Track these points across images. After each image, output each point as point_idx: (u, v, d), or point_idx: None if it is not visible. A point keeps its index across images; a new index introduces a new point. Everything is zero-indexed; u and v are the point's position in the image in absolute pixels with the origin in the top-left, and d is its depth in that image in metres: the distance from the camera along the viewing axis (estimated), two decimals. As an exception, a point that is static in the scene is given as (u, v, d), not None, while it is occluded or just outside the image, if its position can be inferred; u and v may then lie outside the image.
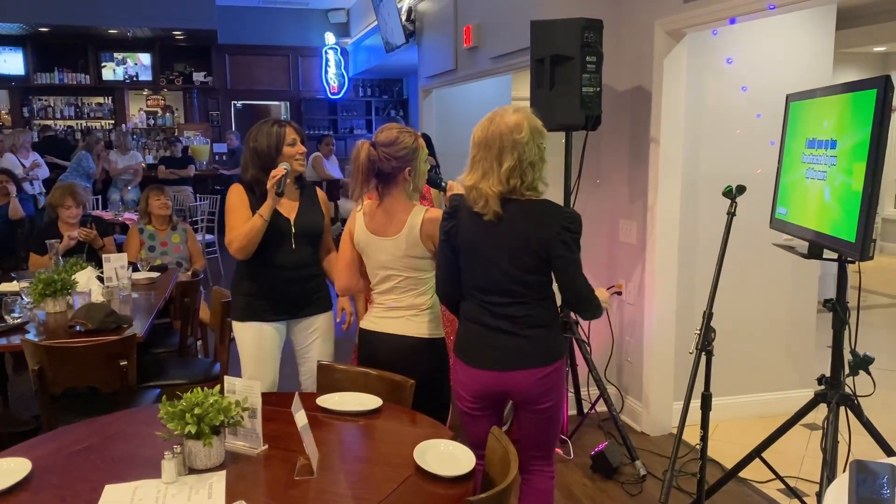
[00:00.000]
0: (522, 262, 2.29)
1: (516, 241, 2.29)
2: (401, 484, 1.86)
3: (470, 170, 2.34)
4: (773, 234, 3.30)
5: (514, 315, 2.33)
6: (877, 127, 2.43)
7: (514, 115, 2.30)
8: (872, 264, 8.87)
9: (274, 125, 2.96)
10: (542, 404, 2.37)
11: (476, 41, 5.92)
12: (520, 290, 2.31)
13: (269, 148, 2.92)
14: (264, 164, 2.93)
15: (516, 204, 2.29)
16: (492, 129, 2.29)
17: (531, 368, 2.33)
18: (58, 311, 3.52)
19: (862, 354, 2.76)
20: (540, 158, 2.31)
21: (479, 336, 2.38)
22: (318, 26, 12.11)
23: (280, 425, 2.17)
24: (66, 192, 4.71)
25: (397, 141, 2.54)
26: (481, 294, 2.36)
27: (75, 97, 11.77)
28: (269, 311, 3.01)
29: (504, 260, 2.30)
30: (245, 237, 2.86)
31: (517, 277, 2.30)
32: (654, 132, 3.94)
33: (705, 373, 2.89)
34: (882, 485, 1.62)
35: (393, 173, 2.55)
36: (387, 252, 2.58)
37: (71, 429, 2.23)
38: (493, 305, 2.34)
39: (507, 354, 2.34)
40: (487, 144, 2.29)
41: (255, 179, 2.96)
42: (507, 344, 2.33)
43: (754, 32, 4.09)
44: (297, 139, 2.98)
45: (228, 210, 2.97)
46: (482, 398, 2.42)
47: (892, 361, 5.38)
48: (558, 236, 2.25)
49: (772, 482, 3.31)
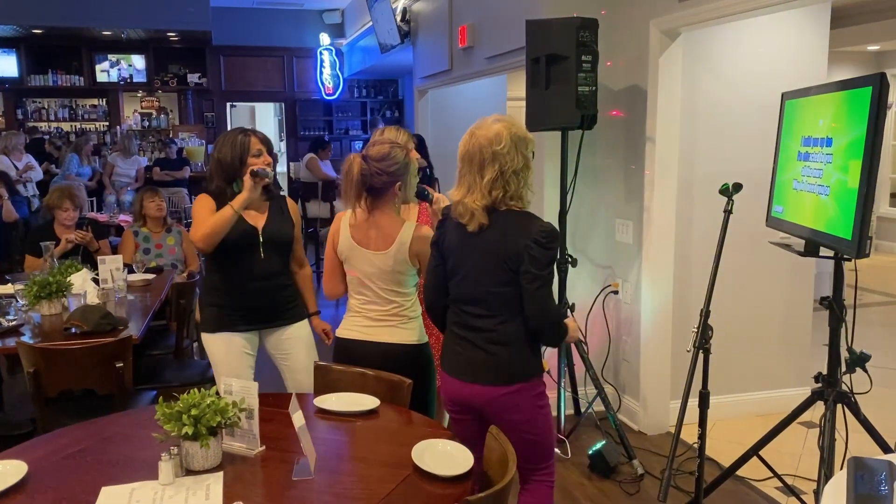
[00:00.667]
0: (495, 274, 2.26)
1: (490, 253, 2.26)
2: (399, 484, 1.86)
3: (457, 184, 2.33)
4: (769, 233, 3.30)
5: (482, 328, 2.30)
6: (872, 124, 2.43)
7: (494, 125, 2.26)
8: (868, 262, 8.88)
9: (239, 135, 2.90)
10: (511, 421, 2.28)
11: (471, 41, 5.92)
12: (493, 302, 2.28)
13: (233, 159, 2.86)
14: (228, 175, 2.88)
15: (498, 215, 2.27)
16: (472, 142, 2.27)
17: (491, 385, 2.29)
18: (53, 313, 3.50)
19: (858, 352, 2.76)
20: (524, 167, 2.26)
21: (453, 344, 2.38)
22: (313, 27, 12.10)
23: (277, 426, 2.16)
24: (64, 195, 4.69)
25: (389, 156, 2.54)
26: (461, 304, 2.35)
27: (69, 99, 11.73)
28: (238, 321, 2.95)
29: (479, 271, 2.28)
30: (212, 225, 2.78)
31: (490, 290, 2.27)
32: (649, 131, 3.95)
33: (703, 371, 2.90)
34: (880, 481, 1.62)
35: (384, 188, 2.56)
36: (372, 265, 2.58)
37: (67, 431, 2.22)
38: (469, 317, 2.33)
39: (472, 367, 2.32)
40: (469, 158, 2.28)
41: (219, 190, 2.90)
42: (472, 357, 2.32)
43: (749, 31, 4.10)
44: (263, 150, 2.91)
45: (195, 216, 2.89)
46: (458, 404, 2.41)
47: (889, 359, 5.39)
48: (527, 249, 2.20)
49: (769, 480, 3.32)
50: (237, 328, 2.95)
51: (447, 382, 2.40)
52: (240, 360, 2.96)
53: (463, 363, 2.34)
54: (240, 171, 2.87)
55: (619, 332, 4.31)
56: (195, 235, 2.84)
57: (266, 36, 11.96)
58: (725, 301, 4.01)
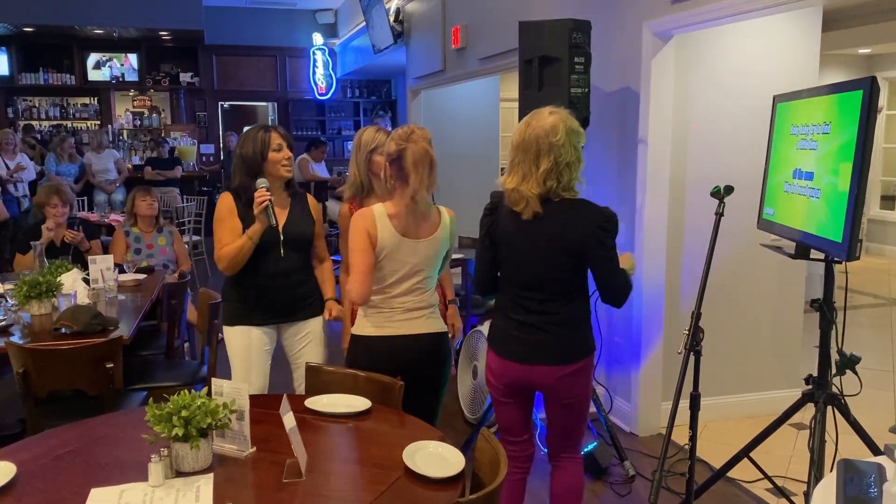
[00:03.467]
0: (557, 260, 2.39)
1: (552, 240, 2.38)
2: (390, 486, 1.85)
3: (510, 172, 2.41)
4: (760, 235, 3.31)
5: (544, 311, 2.43)
6: (863, 127, 2.44)
7: (551, 117, 2.36)
8: (859, 264, 8.94)
9: (260, 131, 2.98)
10: (567, 398, 2.48)
11: (464, 42, 5.92)
12: (553, 287, 2.41)
13: (254, 153, 2.94)
14: (250, 169, 2.95)
15: (553, 204, 2.37)
16: (529, 132, 2.36)
17: (555, 365, 2.43)
18: (43, 313, 3.48)
19: (849, 354, 2.77)
20: (577, 159, 2.38)
21: (510, 329, 2.48)
22: (306, 27, 12.08)
23: (268, 427, 2.15)
24: (51, 191, 4.67)
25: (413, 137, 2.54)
26: (517, 289, 2.46)
27: (60, 98, 11.68)
28: (257, 315, 3.02)
29: (540, 258, 2.40)
30: (233, 258, 2.91)
31: (551, 275, 2.40)
32: (642, 133, 3.95)
33: (694, 373, 2.90)
34: (869, 483, 1.63)
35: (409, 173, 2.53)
36: (418, 254, 2.56)
37: (56, 432, 2.20)
38: (527, 301, 2.44)
39: (533, 349, 2.45)
40: (525, 147, 2.36)
41: (242, 186, 2.98)
42: (534, 339, 2.44)
43: (741, 34, 4.11)
44: (284, 144, 2.97)
45: (216, 221, 2.99)
46: (509, 387, 2.54)
47: (879, 361, 5.42)
48: (594, 236, 2.34)
49: (760, 482, 3.33)
50: (255, 322, 3.02)
51: (504, 367, 2.50)
52: (257, 354, 3.03)
53: (527, 347, 2.45)
54: (261, 165, 2.95)
55: (610, 334, 4.32)
56: (219, 261, 2.96)
57: (259, 35, 11.94)
58: (717, 303, 4.02)
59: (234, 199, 2.98)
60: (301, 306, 3.08)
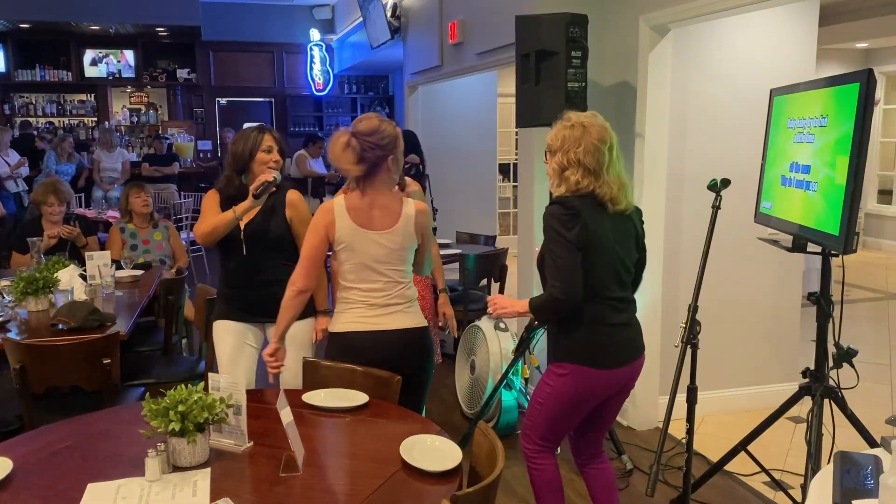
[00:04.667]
0: (633, 253, 2.53)
1: (631, 235, 2.52)
2: (387, 480, 1.85)
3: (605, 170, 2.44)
4: (757, 228, 3.31)
5: (629, 304, 2.54)
6: (860, 120, 2.44)
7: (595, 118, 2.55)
8: (856, 258, 8.94)
9: (255, 131, 3.02)
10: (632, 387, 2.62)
11: (461, 37, 5.91)
12: (628, 281, 2.54)
13: (243, 151, 2.98)
14: (237, 166, 3.01)
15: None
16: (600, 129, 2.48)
17: (642, 353, 2.58)
18: (40, 309, 3.47)
19: (846, 347, 2.78)
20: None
21: (611, 336, 2.47)
22: (303, 23, 12.05)
23: (266, 422, 2.15)
24: (48, 190, 4.66)
25: (379, 129, 2.49)
26: (607, 291, 2.45)
27: (57, 94, 11.65)
28: (242, 312, 3.05)
29: (624, 253, 2.48)
30: (212, 224, 2.94)
31: (629, 269, 2.52)
32: (639, 127, 3.95)
33: (691, 366, 2.90)
34: (866, 476, 1.63)
35: (377, 162, 2.49)
36: (380, 246, 2.51)
37: (53, 428, 2.20)
38: (617, 301, 2.48)
39: (634, 345, 2.54)
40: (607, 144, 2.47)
41: (227, 180, 3.04)
42: (631, 335, 2.53)
43: (738, 28, 4.11)
44: (275, 147, 3.00)
45: (202, 211, 3.07)
46: (601, 395, 2.54)
47: (876, 354, 5.43)
48: (641, 226, 2.56)
49: (757, 475, 3.34)
50: (240, 318, 3.04)
51: (607, 377, 2.48)
52: (240, 351, 3.02)
53: (631, 346, 2.53)
54: (248, 163, 2.98)
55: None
56: (197, 230, 3.01)
57: (256, 31, 11.90)
58: (715, 297, 4.03)
59: (220, 196, 3.03)
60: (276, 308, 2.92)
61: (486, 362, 4.04)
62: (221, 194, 3.03)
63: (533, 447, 2.62)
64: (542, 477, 2.65)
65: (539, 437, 2.60)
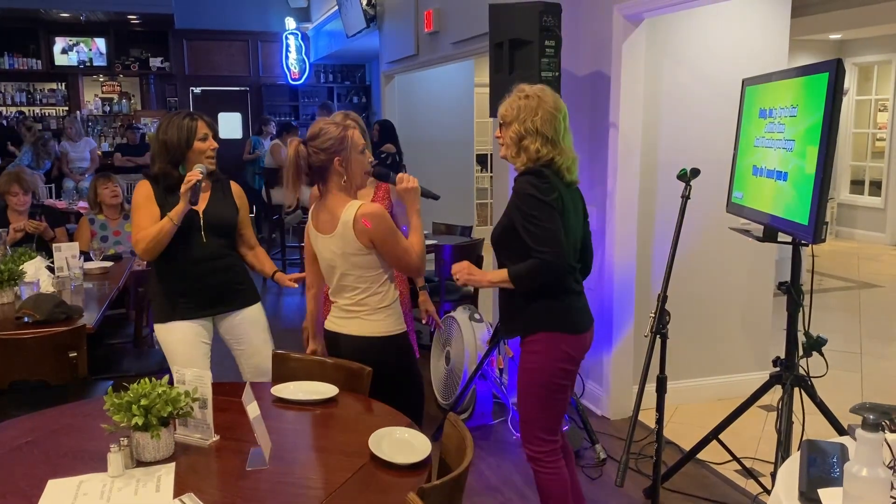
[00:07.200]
0: (580, 227, 2.54)
1: (581, 208, 2.56)
2: (355, 472, 1.83)
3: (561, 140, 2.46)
4: (730, 218, 3.32)
5: (580, 274, 2.57)
6: (829, 110, 2.45)
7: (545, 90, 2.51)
8: (827, 248, 9.03)
9: (185, 118, 2.86)
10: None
11: (437, 26, 5.87)
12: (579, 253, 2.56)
13: (178, 141, 2.83)
14: (173, 157, 2.85)
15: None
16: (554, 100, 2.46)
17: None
18: (4, 301, 3.41)
19: (815, 336, 2.80)
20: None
21: (575, 302, 2.52)
22: (278, 11, 11.92)
23: (233, 415, 2.12)
24: (12, 179, 4.57)
25: (321, 132, 2.46)
26: (571, 260, 2.47)
27: (27, 83, 11.42)
28: (190, 308, 2.92)
29: (580, 225, 2.53)
30: (153, 239, 2.78)
31: (579, 241, 2.54)
32: (613, 116, 3.94)
33: (660, 356, 2.91)
34: (832, 464, 1.64)
35: (324, 166, 2.46)
36: (329, 250, 2.50)
37: (14, 423, 2.16)
38: (576, 270, 2.52)
39: (590, 313, 2.61)
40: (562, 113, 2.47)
41: (162, 173, 2.87)
42: (587, 304, 2.59)
43: (711, 18, 4.11)
44: (210, 134, 2.89)
45: (134, 208, 2.88)
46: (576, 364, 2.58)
47: (846, 343, 5.50)
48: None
49: (729, 463, 3.36)
50: (189, 316, 2.92)
51: (585, 342, 2.56)
52: (195, 350, 2.92)
53: (589, 312, 2.60)
54: (185, 154, 2.85)
55: (583, 318, 4.32)
56: (137, 247, 2.87)
57: (230, 19, 11.75)
58: (687, 286, 4.05)
59: (153, 186, 2.88)
60: (233, 291, 2.98)
61: (461, 353, 4.03)
62: (158, 186, 2.87)
63: (537, 446, 2.51)
64: (556, 482, 2.51)
65: (540, 430, 2.50)
